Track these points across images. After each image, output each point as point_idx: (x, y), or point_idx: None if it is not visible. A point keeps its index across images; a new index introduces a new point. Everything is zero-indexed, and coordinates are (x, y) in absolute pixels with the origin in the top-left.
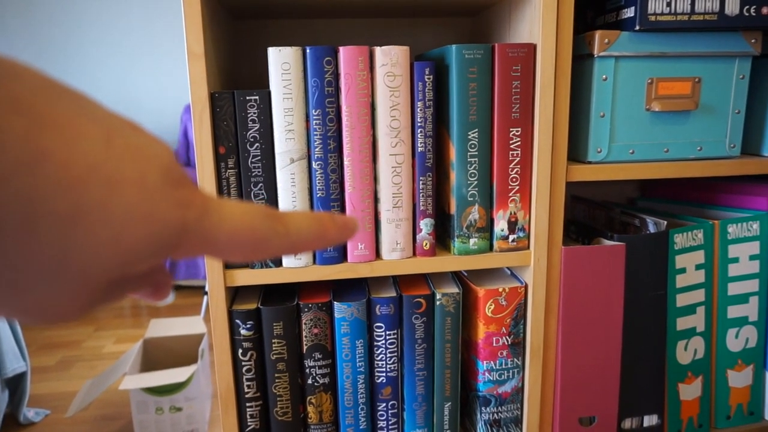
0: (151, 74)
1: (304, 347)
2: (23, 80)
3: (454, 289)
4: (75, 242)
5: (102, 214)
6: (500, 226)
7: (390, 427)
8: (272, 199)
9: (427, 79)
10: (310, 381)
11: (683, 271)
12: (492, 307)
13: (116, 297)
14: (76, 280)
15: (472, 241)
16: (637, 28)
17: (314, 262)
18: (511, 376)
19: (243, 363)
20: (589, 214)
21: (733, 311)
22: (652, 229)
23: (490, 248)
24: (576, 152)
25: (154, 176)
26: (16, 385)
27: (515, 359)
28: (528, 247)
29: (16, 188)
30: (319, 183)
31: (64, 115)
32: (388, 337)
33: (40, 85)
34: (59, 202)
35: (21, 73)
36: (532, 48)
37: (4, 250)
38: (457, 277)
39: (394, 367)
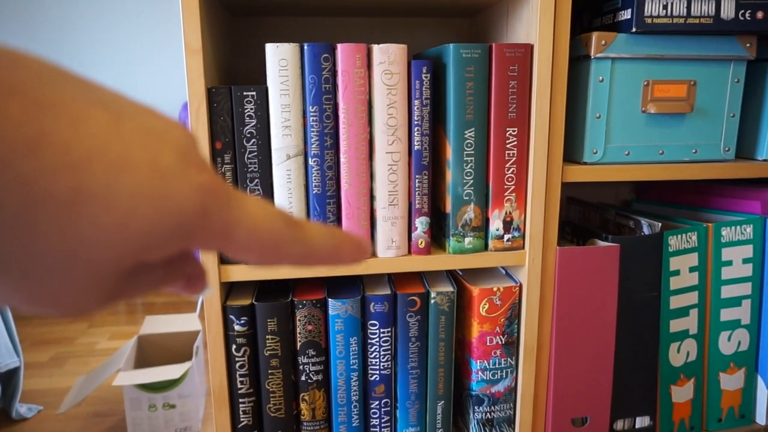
0: (147, 73)
1: (298, 344)
2: (24, 66)
3: (448, 288)
4: (78, 227)
5: (106, 198)
6: (495, 225)
7: (383, 424)
8: (268, 196)
9: (424, 78)
10: (303, 378)
11: (677, 273)
12: (486, 306)
13: (140, 289)
14: (85, 268)
15: (467, 240)
16: (634, 30)
17: None
18: (504, 376)
19: (236, 359)
20: (584, 215)
21: (726, 314)
22: (646, 230)
23: (485, 247)
24: (572, 153)
25: (168, 158)
26: (8, 380)
27: (509, 359)
28: (523, 247)
29: (14, 172)
30: (315, 180)
31: (68, 99)
32: (382, 335)
33: (43, 72)
34: (59, 186)
35: (22, 60)
36: (529, 48)
37: (7, 237)
38: (451, 275)
39: (388, 365)
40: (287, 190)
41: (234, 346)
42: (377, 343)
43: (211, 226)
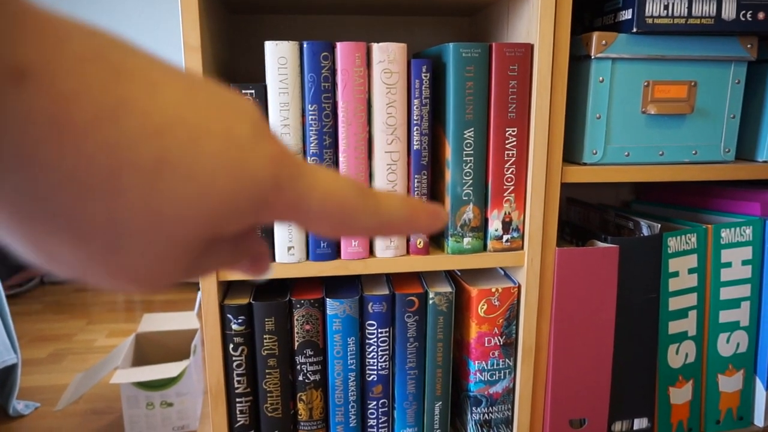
0: None
1: (296, 343)
2: (102, 38)
3: (447, 288)
4: (161, 195)
5: (187, 166)
6: (494, 225)
7: (380, 425)
8: None
9: (424, 77)
10: (300, 377)
11: (676, 274)
12: (485, 307)
13: (212, 265)
14: (166, 238)
15: (465, 240)
16: (635, 30)
17: (307, 258)
18: (502, 377)
19: (234, 358)
20: (583, 216)
21: (725, 316)
22: (645, 232)
23: (484, 248)
24: (571, 153)
25: (241, 128)
26: (5, 377)
27: (507, 360)
28: (522, 248)
29: (98, 139)
30: None
31: (143, 67)
32: (380, 335)
33: (119, 44)
34: (142, 153)
35: (99, 33)
36: (529, 48)
37: (91, 203)
38: (450, 276)
39: (386, 365)
40: None
41: (231, 346)
42: (375, 344)
43: (285, 196)
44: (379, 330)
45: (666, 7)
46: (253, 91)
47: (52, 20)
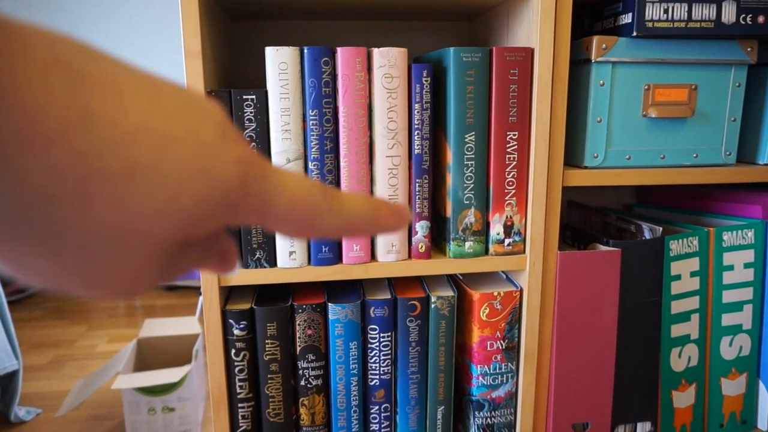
0: None
1: (298, 348)
2: (65, 45)
3: (449, 293)
4: (132, 202)
5: (156, 172)
6: (496, 229)
7: (382, 430)
8: None
9: (424, 81)
10: (302, 382)
11: (678, 278)
12: (487, 311)
13: (184, 267)
14: (138, 244)
15: (467, 244)
16: (635, 34)
17: (309, 263)
18: (505, 381)
19: (236, 363)
20: (585, 219)
21: (728, 319)
22: (647, 235)
23: (486, 252)
24: (572, 157)
25: (207, 132)
26: (7, 383)
27: (509, 364)
28: (524, 252)
29: (66, 148)
30: None
31: (109, 76)
32: (382, 340)
33: (82, 50)
34: (111, 160)
35: (62, 39)
36: (529, 52)
37: (63, 214)
38: (452, 280)
39: (388, 369)
40: None
41: (233, 351)
42: (377, 348)
43: (253, 198)
44: (381, 334)
45: (666, 11)
46: (254, 97)
47: (13, 28)
